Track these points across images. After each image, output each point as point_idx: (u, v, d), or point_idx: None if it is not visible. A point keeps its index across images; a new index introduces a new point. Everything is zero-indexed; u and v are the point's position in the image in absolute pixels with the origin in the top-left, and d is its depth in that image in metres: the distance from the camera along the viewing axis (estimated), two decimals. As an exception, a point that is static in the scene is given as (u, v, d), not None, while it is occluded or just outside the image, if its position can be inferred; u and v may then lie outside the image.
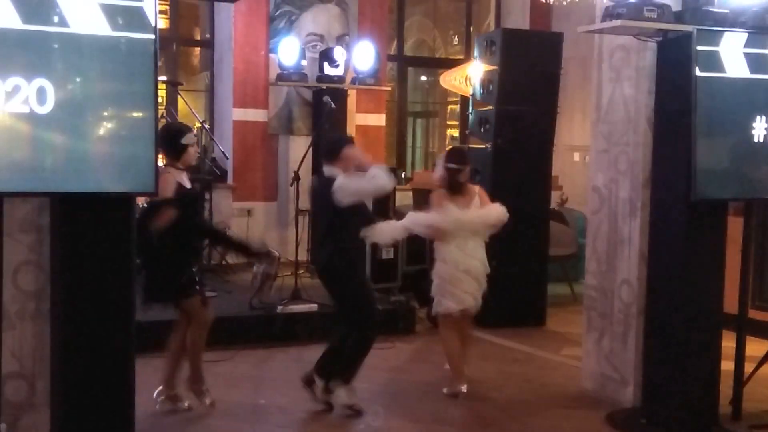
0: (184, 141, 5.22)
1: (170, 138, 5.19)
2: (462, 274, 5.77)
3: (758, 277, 7.64)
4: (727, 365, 5.36)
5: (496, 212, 5.84)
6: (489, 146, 7.92)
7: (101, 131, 3.91)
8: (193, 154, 5.32)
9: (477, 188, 6.03)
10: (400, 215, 6.55)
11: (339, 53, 9.76)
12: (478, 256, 5.84)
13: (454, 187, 5.84)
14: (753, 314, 6.55)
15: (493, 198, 6.01)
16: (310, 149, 8.14)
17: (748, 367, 5.47)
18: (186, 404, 5.42)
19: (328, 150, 5.52)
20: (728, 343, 5.33)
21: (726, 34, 4.97)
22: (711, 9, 5.09)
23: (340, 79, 9.84)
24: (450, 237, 5.77)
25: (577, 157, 11.32)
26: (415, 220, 5.89)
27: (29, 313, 4.24)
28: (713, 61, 4.93)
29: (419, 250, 8.23)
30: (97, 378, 4.12)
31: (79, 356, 4.09)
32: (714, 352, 5.22)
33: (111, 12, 3.83)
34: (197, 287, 5.37)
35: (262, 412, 5.50)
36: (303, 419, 5.44)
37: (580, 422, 5.44)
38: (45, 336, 4.19)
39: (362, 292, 5.50)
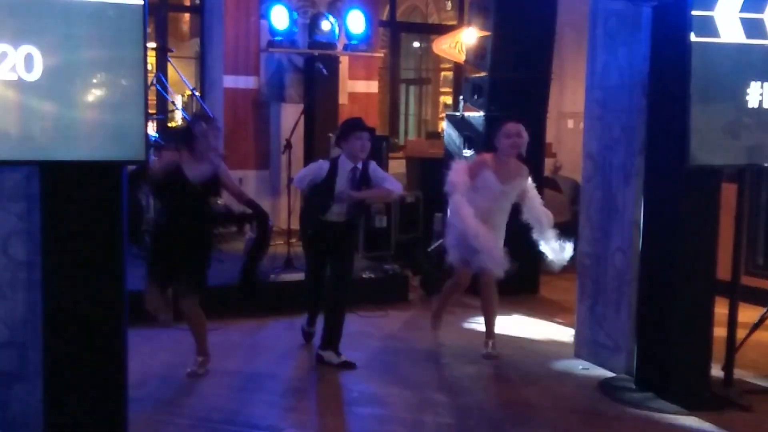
0: (194, 130, 5.34)
1: (185, 127, 5.70)
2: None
3: (751, 244, 7.66)
4: (720, 331, 5.38)
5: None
6: (483, 113, 7.87)
7: (90, 98, 3.86)
8: (202, 143, 5.32)
9: (527, 170, 6.02)
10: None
11: (330, 19, 9.65)
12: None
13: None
14: (746, 281, 6.57)
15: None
16: (302, 117, 8.08)
17: (741, 333, 5.50)
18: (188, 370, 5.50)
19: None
20: (721, 309, 5.35)
21: (722, -2, 4.92)
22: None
23: (332, 46, 9.75)
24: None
25: (571, 123, 11.27)
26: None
27: (20, 283, 4.21)
28: (708, 26, 4.89)
29: (412, 219, 8.19)
30: (89, 347, 4.11)
31: (71, 326, 4.08)
32: (706, 319, 5.24)
33: (98, -23, 3.76)
34: (166, 277, 5.38)
35: (255, 381, 5.50)
36: (296, 387, 5.46)
37: (573, 389, 5.46)
38: (36, 306, 4.16)
39: None
